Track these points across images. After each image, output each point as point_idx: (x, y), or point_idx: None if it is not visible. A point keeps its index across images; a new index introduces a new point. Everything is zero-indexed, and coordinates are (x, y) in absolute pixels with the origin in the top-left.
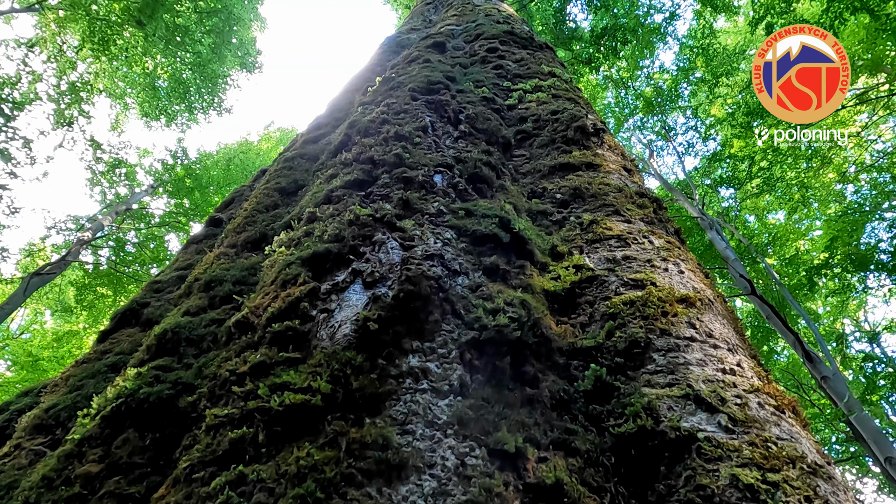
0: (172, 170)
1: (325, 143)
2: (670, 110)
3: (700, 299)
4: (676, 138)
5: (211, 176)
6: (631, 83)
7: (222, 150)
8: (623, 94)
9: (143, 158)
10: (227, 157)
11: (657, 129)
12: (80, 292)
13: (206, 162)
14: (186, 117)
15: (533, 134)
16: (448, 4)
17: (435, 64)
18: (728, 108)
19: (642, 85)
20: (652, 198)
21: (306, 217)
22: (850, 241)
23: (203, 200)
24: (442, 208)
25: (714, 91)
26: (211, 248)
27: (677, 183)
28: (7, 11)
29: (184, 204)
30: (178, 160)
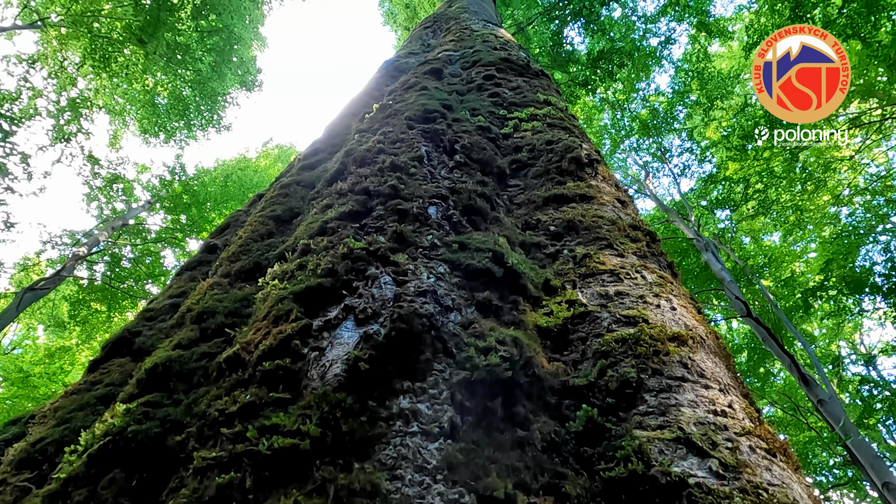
0: (170, 186)
1: (321, 170)
2: (666, 132)
3: (692, 337)
4: (672, 160)
5: (208, 192)
6: (627, 105)
7: (220, 166)
8: (619, 116)
9: (140, 174)
10: (224, 174)
11: (653, 150)
12: (74, 307)
13: (204, 178)
14: (185, 134)
15: (528, 164)
16: (446, 29)
17: (432, 91)
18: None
19: (638, 107)
20: (645, 230)
21: (300, 249)
22: (845, 263)
23: (200, 217)
24: (436, 241)
25: (709, 114)
26: (205, 275)
27: (673, 204)
28: (9, 28)
29: (180, 220)
30: (176, 176)
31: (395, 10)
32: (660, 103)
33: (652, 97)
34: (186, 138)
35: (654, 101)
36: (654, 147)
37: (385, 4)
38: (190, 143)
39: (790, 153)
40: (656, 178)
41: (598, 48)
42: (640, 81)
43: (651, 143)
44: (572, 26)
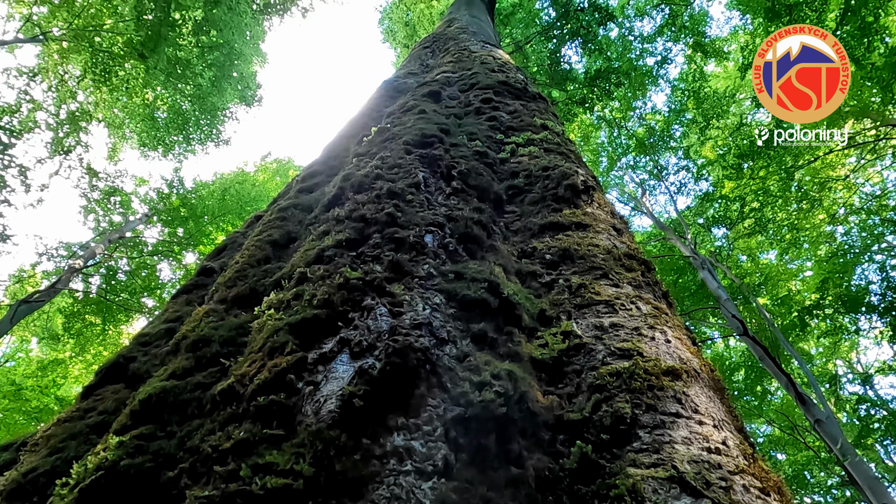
0: (168, 199)
1: (319, 193)
2: (662, 150)
3: (686, 371)
4: (668, 178)
5: (206, 206)
6: (624, 123)
7: (218, 179)
8: (616, 134)
9: (138, 187)
10: (222, 188)
11: (650, 168)
12: (69, 320)
13: (202, 192)
14: (184, 148)
15: (524, 190)
16: (444, 49)
17: (430, 115)
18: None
19: (635, 125)
20: (640, 259)
21: (297, 277)
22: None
23: (197, 230)
24: (432, 271)
25: (705, 133)
26: (201, 299)
27: (669, 222)
28: (11, 42)
29: (177, 233)
30: (174, 189)
31: (394, 28)
32: (656, 122)
33: (648, 115)
34: (185, 152)
35: (650, 120)
36: (651, 165)
37: (385, 22)
38: (188, 156)
39: (786, 172)
40: (653, 196)
41: (595, 67)
42: (637, 100)
43: (648, 160)
44: (570, 45)
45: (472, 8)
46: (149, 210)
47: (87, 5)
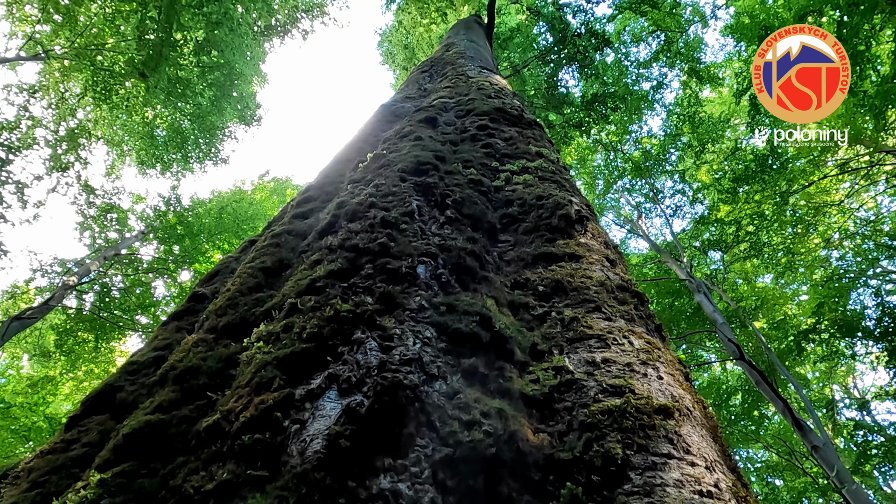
0: (164, 216)
1: (313, 220)
2: (658, 174)
3: (678, 409)
4: (664, 201)
5: (203, 224)
6: (620, 146)
7: (215, 198)
8: (612, 157)
9: (135, 204)
10: (219, 206)
11: (645, 191)
12: (61, 337)
13: (199, 210)
14: (182, 166)
15: (518, 219)
16: (442, 74)
17: (426, 141)
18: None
19: (631, 148)
20: (633, 292)
21: (287, 308)
22: (836, 307)
23: (193, 248)
24: (423, 303)
25: (701, 157)
26: (191, 325)
27: (665, 245)
28: (13, 59)
29: (173, 250)
30: (171, 207)
31: (393, 50)
32: (652, 145)
33: (644, 139)
34: (183, 170)
35: (646, 143)
36: (647, 188)
37: (384, 45)
38: (186, 174)
39: (780, 196)
40: (649, 219)
41: (592, 91)
42: (633, 124)
43: (644, 183)
44: (567, 70)
45: (471, 32)
46: (145, 227)
47: (89, 25)
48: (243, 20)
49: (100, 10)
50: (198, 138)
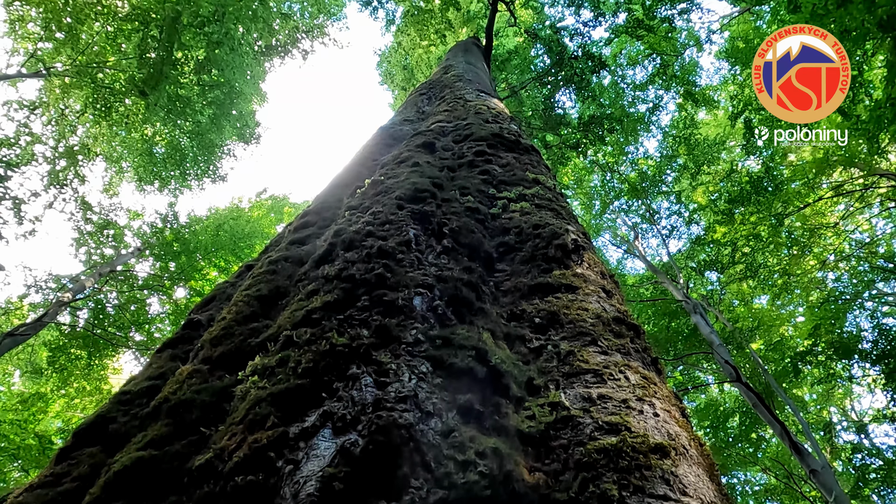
0: (161, 233)
1: (310, 247)
2: (654, 195)
3: (674, 448)
4: (661, 221)
5: (199, 241)
6: (617, 167)
7: (212, 215)
8: (609, 178)
9: (132, 221)
10: (216, 223)
11: (642, 212)
12: (54, 354)
13: (196, 227)
14: (180, 183)
15: (515, 248)
16: (440, 97)
17: (423, 167)
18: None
19: (628, 169)
20: (629, 324)
21: (283, 340)
22: (832, 328)
23: (189, 265)
24: (420, 336)
25: (697, 178)
26: (186, 353)
27: (661, 265)
28: (14, 76)
29: (169, 267)
30: (168, 224)
31: (392, 70)
32: (648, 167)
33: (641, 160)
34: (181, 187)
35: (642, 165)
36: (643, 209)
37: (383, 65)
38: (184, 191)
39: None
40: (645, 239)
41: (588, 113)
42: (630, 145)
43: (640, 204)
44: (564, 91)
45: (469, 55)
46: (141, 244)
47: (91, 43)
48: (244, 40)
49: (102, 28)
50: (196, 156)
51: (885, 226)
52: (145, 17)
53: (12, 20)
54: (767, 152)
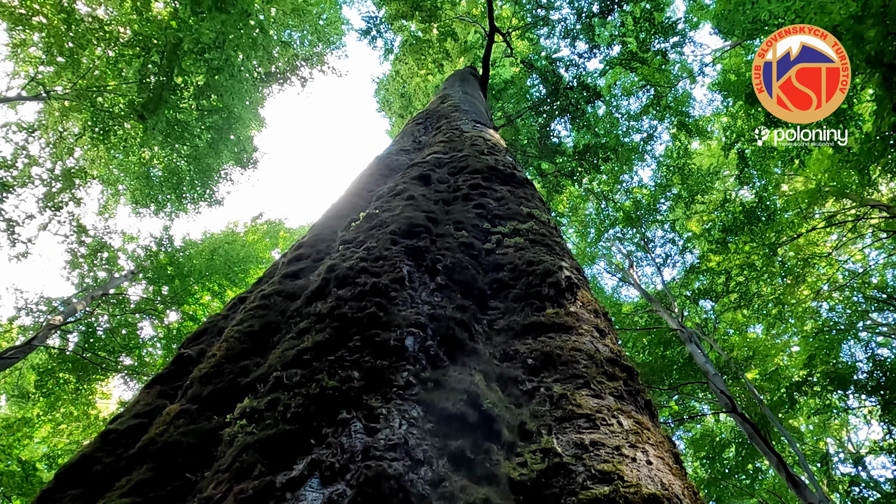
0: (155, 256)
1: (304, 281)
2: (649, 223)
3: (668, 498)
4: (655, 250)
5: (193, 265)
6: (611, 195)
7: (207, 239)
8: (604, 206)
9: (127, 244)
10: (211, 247)
11: (636, 240)
12: (42, 377)
13: (191, 250)
14: (176, 207)
15: (509, 285)
16: (437, 128)
17: (418, 201)
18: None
19: (622, 198)
20: (623, 365)
21: (273, 381)
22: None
23: (182, 289)
24: (411, 379)
25: (691, 207)
26: (175, 390)
27: (656, 293)
28: (14, 99)
29: (162, 291)
30: (163, 247)
31: (390, 98)
32: (643, 195)
33: (635, 189)
34: (177, 210)
35: (637, 193)
36: (638, 237)
37: (381, 93)
38: (180, 214)
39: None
40: (640, 267)
41: (583, 142)
42: (624, 174)
43: (635, 232)
44: (559, 121)
45: (466, 84)
46: (135, 267)
47: (92, 67)
48: (244, 67)
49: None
50: (193, 179)
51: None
52: (147, 44)
53: (15, 44)
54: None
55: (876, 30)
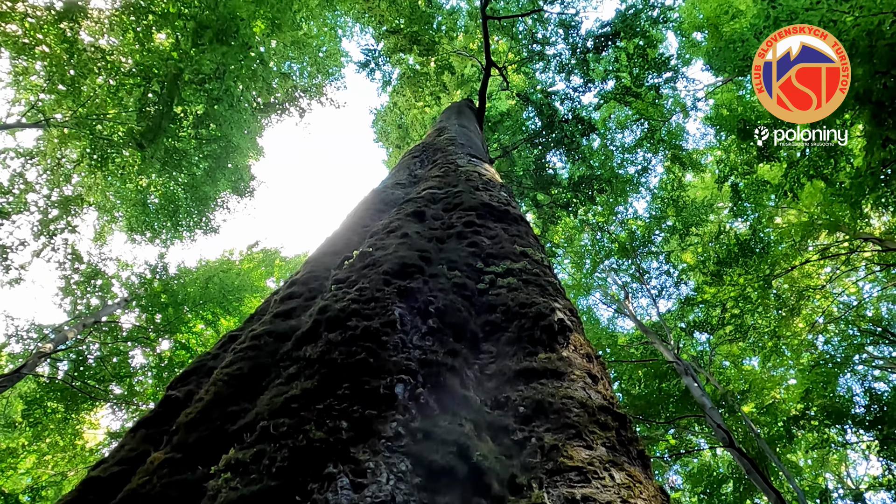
0: (150, 284)
1: (295, 322)
2: (644, 255)
3: None
4: (650, 281)
5: (187, 293)
6: (607, 227)
7: (202, 267)
8: (599, 237)
9: (121, 271)
10: (206, 276)
11: (632, 271)
12: (29, 407)
13: (185, 278)
14: (172, 234)
15: (501, 327)
16: (432, 161)
17: (412, 239)
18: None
19: (618, 229)
20: (616, 414)
21: (259, 432)
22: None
23: (176, 317)
24: (400, 429)
25: (685, 239)
26: (161, 435)
27: (652, 325)
28: (14, 126)
29: (155, 319)
30: (157, 275)
31: (388, 129)
32: (638, 227)
33: (630, 221)
34: (173, 238)
35: (632, 225)
36: (633, 268)
37: (378, 123)
38: (175, 242)
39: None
40: (635, 299)
41: (578, 174)
42: (619, 205)
43: (630, 264)
44: (555, 152)
45: (462, 117)
46: (129, 294)
47: (92, 95)
48: (243, 97)
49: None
50: (190, 207)
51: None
52: (148, 73)
53: (17, 73)
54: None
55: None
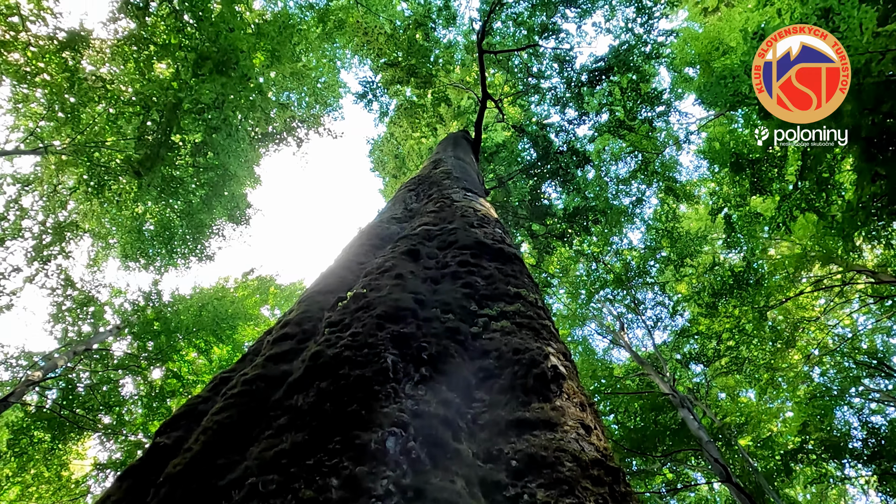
0: (143, 311)
1: (287, 367)
2: (639, 285)
3: None
4: (646, 312)
5: (181, 321)
6: (602, 257)
7: (197, 294)
8: (594, 268)
9: (114, 297)
10: (200, 303)
11: (627, 302)
12: (15, 436)
13: (179, 306)
14: (166, 261)
15: (494, 374)
16: (428, 195)
17: (406, 280)
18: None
19: (613, 259)
20: (608, 468)
21: (247, 489)
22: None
23: (168, 345)
24: (391, 487)
25: (680, 270)
26: (147, 486)
27: (647, 356)
28: (12, 152)
29: (147, 347)
30: (151, 302)
31: (384, 158)
32: (632, 258)
33: (625, 251)
34: (167, 265)
35: (627, 255)
36: (629, 299)
37: (375, 153)
38: (169, 269)
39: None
40: (631, 330)
41: (573, 204)
42: (614, 236)
43: (625, 294)
44: (550, 183)
45: (458, 148)
46: (121, 322)
47: (91, 123)
48: (241, 127)
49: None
50: (185, 234)
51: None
52: (147, 102)
53: (17, 100)
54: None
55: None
